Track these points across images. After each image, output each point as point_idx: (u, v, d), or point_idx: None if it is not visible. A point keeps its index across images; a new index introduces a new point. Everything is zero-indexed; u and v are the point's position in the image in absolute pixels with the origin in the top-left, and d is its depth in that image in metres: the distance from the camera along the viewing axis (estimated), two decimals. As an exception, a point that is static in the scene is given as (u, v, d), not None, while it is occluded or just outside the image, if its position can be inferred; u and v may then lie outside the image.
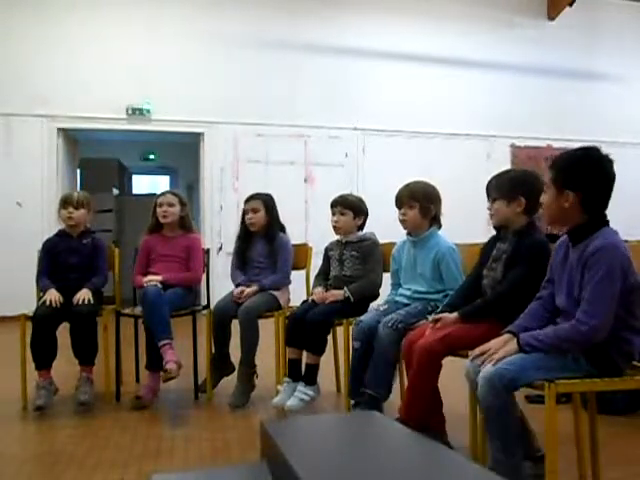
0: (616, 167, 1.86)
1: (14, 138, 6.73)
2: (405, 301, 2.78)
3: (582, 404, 2.17)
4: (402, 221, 2.82)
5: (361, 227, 3.21)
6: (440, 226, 2.83)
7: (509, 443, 1.84)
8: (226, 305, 3.25)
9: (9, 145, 6.73)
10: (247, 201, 3.46)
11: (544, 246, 2.16)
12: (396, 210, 2.86)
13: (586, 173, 1.86)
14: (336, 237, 3.26)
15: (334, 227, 3.19)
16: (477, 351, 1.93)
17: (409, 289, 2.81)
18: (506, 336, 1.93)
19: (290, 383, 2.95)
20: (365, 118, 7.63)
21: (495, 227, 2.46)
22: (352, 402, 2.74)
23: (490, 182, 2.39)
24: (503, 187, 2.29)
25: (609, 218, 1.88)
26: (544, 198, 1.95)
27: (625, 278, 1.77)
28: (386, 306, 2.81)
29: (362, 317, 2.79)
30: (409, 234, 2.86)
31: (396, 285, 2.92)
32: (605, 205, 1.88)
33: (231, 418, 2.95)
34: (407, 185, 2.84)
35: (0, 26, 6.73)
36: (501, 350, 1.84)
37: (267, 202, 3.43)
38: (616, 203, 1.98)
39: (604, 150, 1.87)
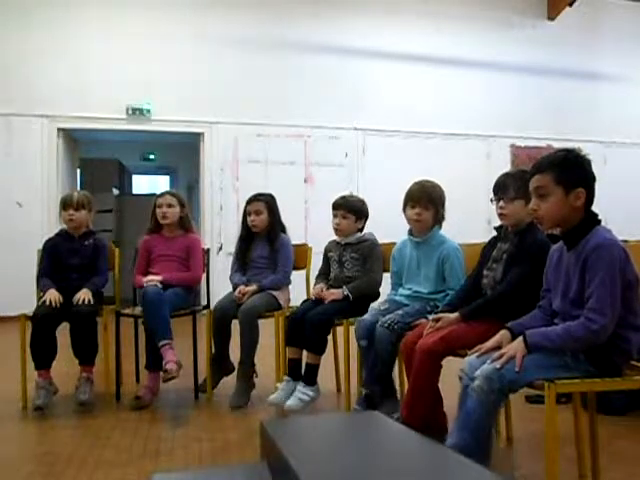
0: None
1: (14, 138, 6.73)
2: (405, 301, 2.78)
3: (582, 404, 2.17)
4: (416, 220, 2.76)
5: (361, 229, 3.20)
6: (440, 225, 2.82)
7: (480, 443, 1.81)
8: (226, 305, 3.25)
9: (9, 145, 6.72)
10: (249, 202, 3.45)
11: (546, 245, 2.16)
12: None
13: (587, 169, 1.87)
14: (335, 237, 3.26)
15: (335, 229, 3.18)
16: (475, 350, 1.93)
17: (410, 289, 2.81)
18: (502, 332, 1.93)
19: (289, 382, 2.95)
20: (365, 118, 7.63)
21: (496, 227, 2.45)
22: (363, 391, 2.81)
23: (503, 182, 2.33)
24: (525, 187, 2.19)
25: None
26: (537, 203, 1.89)
27: (623, 274, 1.77)
28: (386, 305, 2.81)
29: (364, 316, 2.80)
30: (410, 234, 2.85)
31: (397, 285, 2.92)
32: (593, 203, 1.88)
33: (231, 418, 2.95)
34: (422, 185, 2.78)
35: (0, 27, 6.73)
36: (518, 353, 1.78)
37: (270, 204, 3.43)
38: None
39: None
